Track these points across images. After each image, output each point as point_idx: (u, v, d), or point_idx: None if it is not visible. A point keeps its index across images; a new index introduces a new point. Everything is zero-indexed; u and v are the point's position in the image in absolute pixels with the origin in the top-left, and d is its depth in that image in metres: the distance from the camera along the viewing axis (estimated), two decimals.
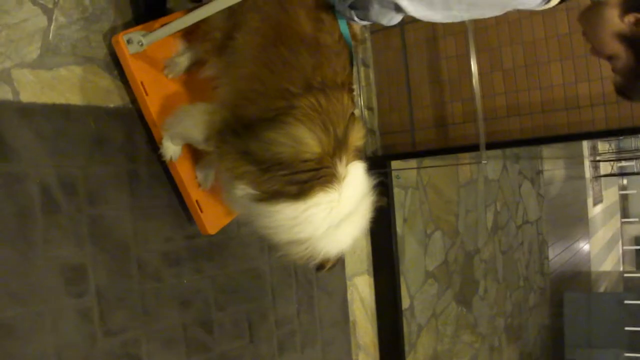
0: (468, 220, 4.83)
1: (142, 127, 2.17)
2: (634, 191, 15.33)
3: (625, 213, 15.99)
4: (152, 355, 2.11)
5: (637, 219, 15.43)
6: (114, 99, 2.10)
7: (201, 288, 2.32)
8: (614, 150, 12.37)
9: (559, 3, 1.60)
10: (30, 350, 1.76)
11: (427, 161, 3.97)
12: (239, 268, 2.49)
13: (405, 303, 3.79)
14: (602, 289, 9.54)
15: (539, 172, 7.14)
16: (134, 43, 1.98)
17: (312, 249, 1.76)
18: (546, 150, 7.50)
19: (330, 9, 1.79)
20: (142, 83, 2.06)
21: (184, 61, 2.16)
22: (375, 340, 3.41)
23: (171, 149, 2.08)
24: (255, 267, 2.59)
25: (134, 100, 2.13)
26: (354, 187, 1.78)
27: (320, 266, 1.83)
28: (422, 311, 4.04)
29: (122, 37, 1.99)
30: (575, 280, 8.98)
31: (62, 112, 1.91)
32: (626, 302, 7.79)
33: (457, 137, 3.37)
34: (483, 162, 2.84)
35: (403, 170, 3.78)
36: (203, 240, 2.32)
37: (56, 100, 1.90)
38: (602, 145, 12.24)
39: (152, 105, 2.08)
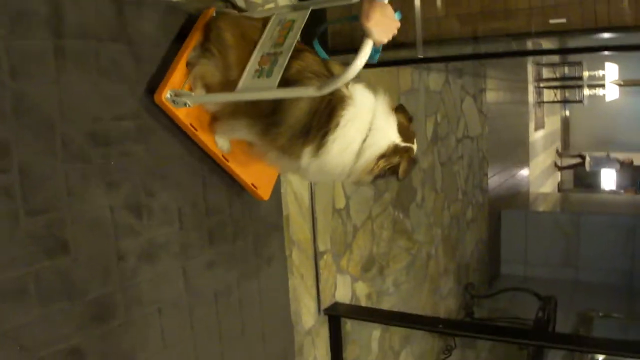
0: None
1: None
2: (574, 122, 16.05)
3: (565, 144, 16.63)
4: (78, 237, 2.09)
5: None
6: None
7: (129, 171, 2.30)
8: (559, 77, 12.62)
9: None
10: None
11: None
12: (169, 153, 2.47)
13: (341, 203, 3.90)
14: (540, 209, 9.93)
15: (482, 90, 7.21)
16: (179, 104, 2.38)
17: (370, 156, 2.15)
18: (490, 70, 7.58)
19: None
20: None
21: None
22: (309, 236, 3.51)
23: (225, 144, 2.58)
24: (185, 154, 2.55)
25: None
26: (363, 97, 2.23)
27: (394, 170, 2.23)
28: (358, 212, 4.16)
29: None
30: (514, 199, 9.31)
31: None
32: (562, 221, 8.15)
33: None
34: (419, 55, 2.90)
35: None
36: (131, 123, 2.30)
37: None
38: (547, 72, 12.46)
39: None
